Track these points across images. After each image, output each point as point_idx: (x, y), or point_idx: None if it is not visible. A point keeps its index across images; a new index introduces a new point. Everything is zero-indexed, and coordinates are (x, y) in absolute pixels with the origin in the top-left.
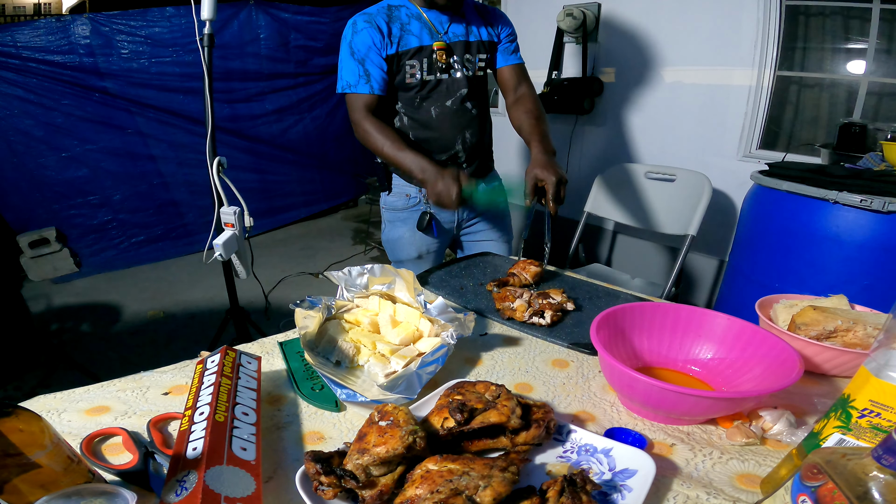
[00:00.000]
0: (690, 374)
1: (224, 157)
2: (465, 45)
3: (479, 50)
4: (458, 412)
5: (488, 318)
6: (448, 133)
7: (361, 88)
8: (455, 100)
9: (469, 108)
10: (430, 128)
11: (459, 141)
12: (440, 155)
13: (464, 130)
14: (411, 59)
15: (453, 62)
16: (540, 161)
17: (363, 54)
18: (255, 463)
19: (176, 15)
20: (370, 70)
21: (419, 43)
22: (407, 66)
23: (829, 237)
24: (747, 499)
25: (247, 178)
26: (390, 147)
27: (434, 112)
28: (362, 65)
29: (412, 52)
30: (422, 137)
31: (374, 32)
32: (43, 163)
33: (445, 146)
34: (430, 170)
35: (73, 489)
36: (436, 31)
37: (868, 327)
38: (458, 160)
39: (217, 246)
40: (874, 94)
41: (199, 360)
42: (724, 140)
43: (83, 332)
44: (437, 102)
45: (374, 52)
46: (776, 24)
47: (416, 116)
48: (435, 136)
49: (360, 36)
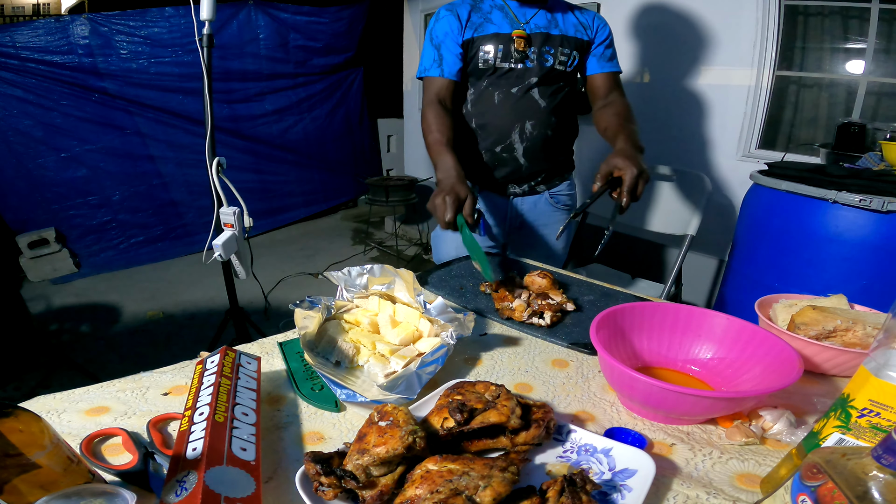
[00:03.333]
0: (690, 374)
1: (223, 158)
2: (546, 37)
3: (562, 44)
4: (457, 412)
5: (488, 318)
6: (505, 120)
7: (433, 72)
8: (522, 87)
9: (536, 97)
10: (489, 113)
11: (517, 130)
12: (495, 144)
13: (524, 120)
14: (487, 43)
15: (530, 52)
16: (624, 151)
17: (440, 40)
18: (255, 463)
19: (175, 15)
20: (444, 55)
21: (498, 30)
22: (482, 50)
23: (828, 237)
24: (747, 498)
25: (246, 178)
26: (433, 139)
27: (497, 98)
28: (438, 50)
29: (489, 37)
30: (480, 123)
31: (453, 20)
32: (42, 163)
33: (501, 134)
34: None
35: (73, 489)
36: (517, 20)
37: (867, 327)
38: (513, 151)
39: (217, 246)
40: (873, 93)
41: (199, 360)
42: (724, 140)
43: (83, 333)
44: (502, 88)
45: (450, 39)
46: (775, 24)
47: (481, 103)
48: (492, 123)
49: (440, 24)
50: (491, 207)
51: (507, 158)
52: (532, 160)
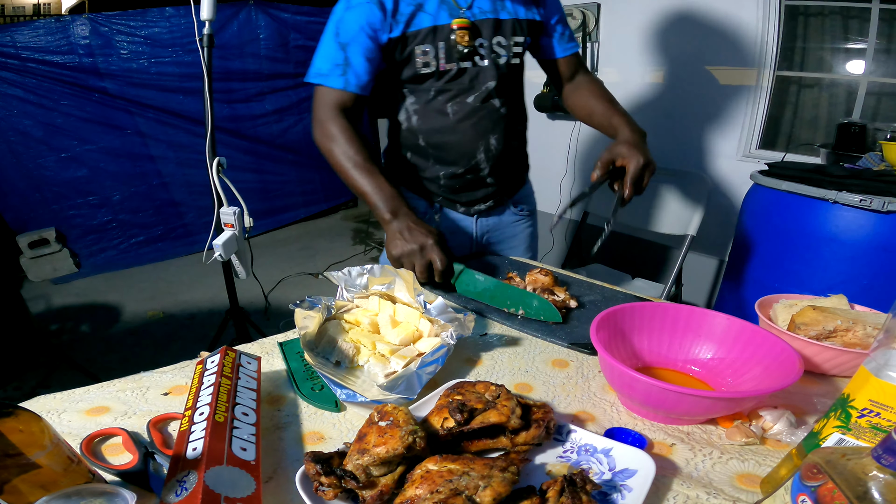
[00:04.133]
0: (690, 374)
1: (224, 158)
2: (496, 24)
3: (514, 31)
4: (458, 412)
5: (488, 318)
6: (468, 138)
7: (334, 81)
8: (479, 95)
9: (497, 106)
10: (446, 131)
11: (482, 148)
12: (457, 166)
13: (488, 135)
14: (423, 42)
15: (479, 46)
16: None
17: (350, 37)
18: (255, 463)
19: (175, 15)
20: (352, 60)
21: (434, 22)
22: (418, 51)
23: (828, 237)
24: (747, 499)
25: (246, 178)
26: (356, 167)
27: (451, 111)
28: (344, 51)
29: (424, 33)
30: (435, 143)
31: (373, 10)
32: (42, 163)
33: (464, 155)
34: (401, 219)
35: (73, 489)
36: (457, 5)
37: (868, 327)
38: (480, 172)
39: (217, 246)
40: (873, 93)
41: (199, 360)
42: (724, 140)
43: (83, 333)
44: (455, 98)
45: (365, 38)
46: (776, 24)
47: (429, 116)
48: (452, 142)
49: (353, 13)
50: (453, 227)
51: (472, 180)
52: (499, 175)
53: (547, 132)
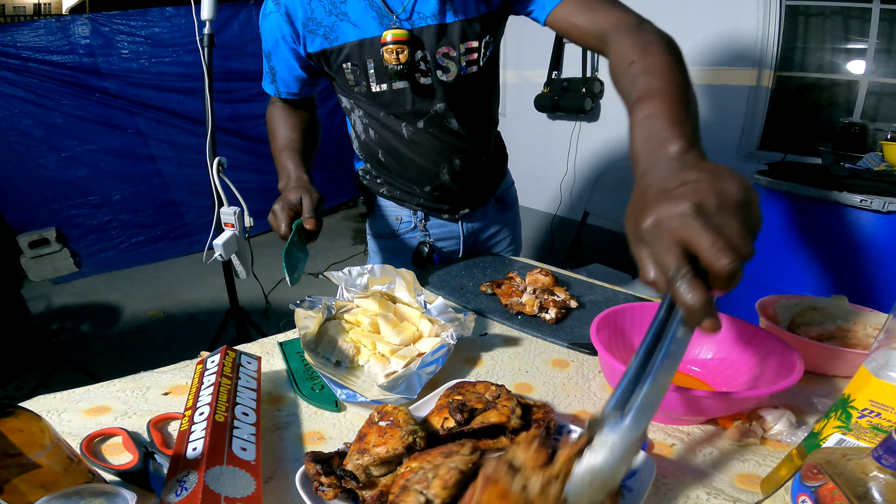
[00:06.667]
0: (690, 374)
1: (224, 157)
2: (440, 32)
3: (464, 36)
4: (458, 412)
5: (488, 318)
6: (428, 161)
7: (267, 87)
8: (428, 119)
9: (454, 127)
10: (403, 151)
11: (446, 170)
12: (423, 185)
13: (450, 157)
14: (348, 59)
15: (419, 61)
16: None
17: (269, 46)
18: (255, 463)
19: (176, 15)
20: (276, 67)
21: (359, 36)
22: (346, 68)
23: (829, 237)
24: (747, 499)
25: (247, 178)
26: (277, 142)
27: (405, 131)
28: (268, 59)
29: (349, 49)
30: (395, 160)
31: (281, 23)
32: (43, 163)
33: (426, 175)
34: (288, 185)
35: (73, 489)
36: (388, 10)
37: (868, 327)
38: (448, 191)
39: (217, 246)
40: (874, 94)
41: (199, 360)
42: (724, 140)
43: (83, 333)
44: (402, 121)
45: (285, 47)
46: (776, 24)
47: (383, 132)
48: (412, 162)
49: (267, 22)
50: (442, 234)
51: (440, 196)
52: (474, 186)
53: (547, 132)
